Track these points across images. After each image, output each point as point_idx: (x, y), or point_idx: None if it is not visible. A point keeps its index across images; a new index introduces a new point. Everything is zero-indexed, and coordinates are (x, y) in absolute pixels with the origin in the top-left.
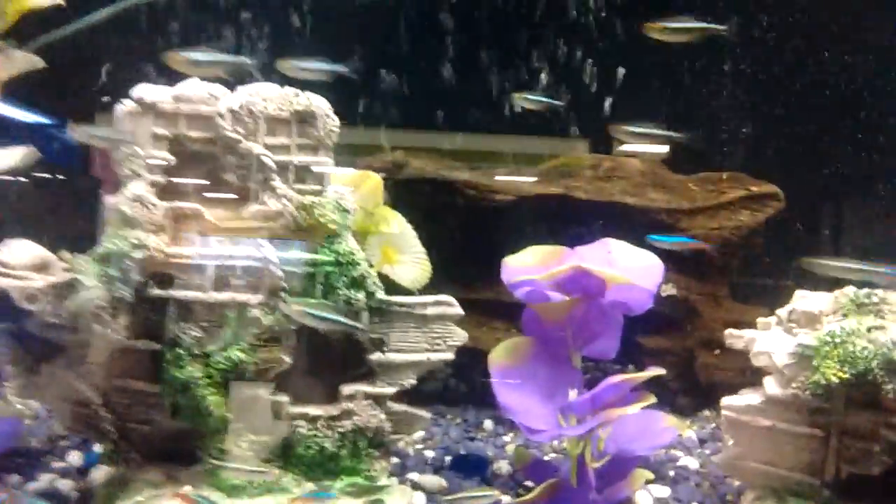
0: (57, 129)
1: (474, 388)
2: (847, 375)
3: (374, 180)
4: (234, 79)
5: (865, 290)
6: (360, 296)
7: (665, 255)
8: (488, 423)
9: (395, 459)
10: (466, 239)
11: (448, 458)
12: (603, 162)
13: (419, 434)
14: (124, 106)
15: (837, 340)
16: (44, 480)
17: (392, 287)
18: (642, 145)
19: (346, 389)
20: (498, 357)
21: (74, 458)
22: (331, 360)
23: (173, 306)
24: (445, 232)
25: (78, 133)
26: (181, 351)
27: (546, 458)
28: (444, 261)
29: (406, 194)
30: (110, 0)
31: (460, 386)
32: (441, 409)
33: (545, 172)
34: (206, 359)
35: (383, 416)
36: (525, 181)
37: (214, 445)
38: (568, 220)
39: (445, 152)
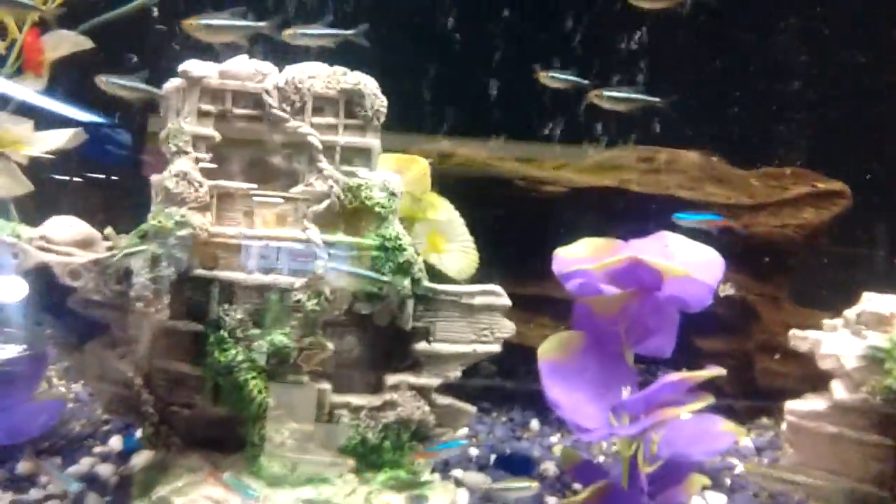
0: (110, 129)
1: (521, 386)
2: None
3: (422, 165)
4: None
5: None
6: (406, 282)
7: (723, 253)
8: (535, 423)
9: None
10: (514, 232)
11: (493, 457)
12: (657, 154)
13: (463, 431)
14: (172, 82)
15: None
16: (84, 464)
17: (438, 276)
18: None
19: (391, 379)
20: (547, 351)
21: (116, 442)
22: (375, 348)
23: (217, 287)
24: (493, 224)
25: (105, 84)
26: (224, 333)
27: (594, 461)
28: (491, 254)
29: (453, 184)
30: None
31: (506, 383)
32: (486, 407)
33: (598, 164)
34: (249, 342)
35: (427, 409)
36: (577, 171)
37: (256, 432)
38: (621, 214)
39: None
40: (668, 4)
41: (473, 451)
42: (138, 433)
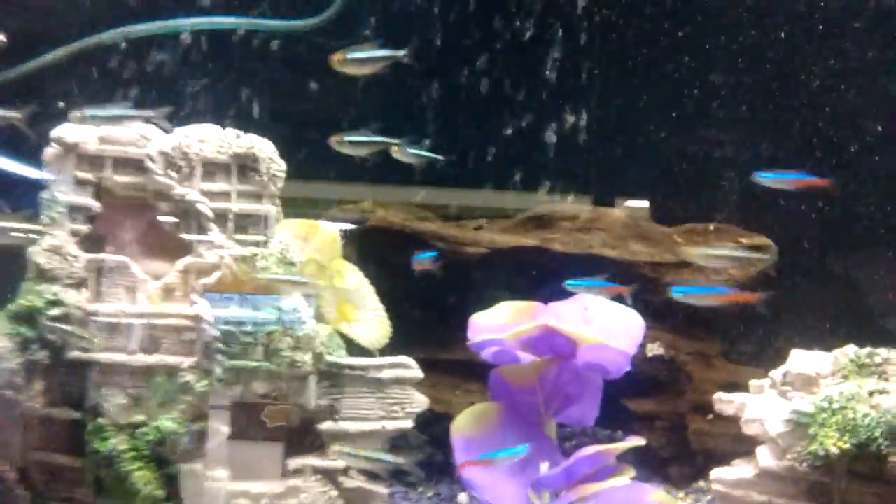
0: None
1: (448, 457)
2: (847, 445)
3: (329, 232)
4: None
5: (867, 350)
6: (307, 358)
7: (651, 312)
8: (462, 497)
9: None
10: (437, 295)
11: None
12: (581, 213)
13: None
14: (51, 148)
15: (836, 406)
16: None
17: (353, 347)
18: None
19: (293, 463)
20: (461, 426)
21: None
22: (275, 430)
23: (95, 370)
24: (415, 287)
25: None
26: (104, 421)
27: None
28: (415, 318)
29: (372, 247)
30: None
31: (435, 456)
32: (412, 481)
33: (521, 224)
34: (133, 430)
35: (335, 494)
36: (499, 233)
37: None
38: (545, 274)
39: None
40: (376, 70)
41: None
42: None
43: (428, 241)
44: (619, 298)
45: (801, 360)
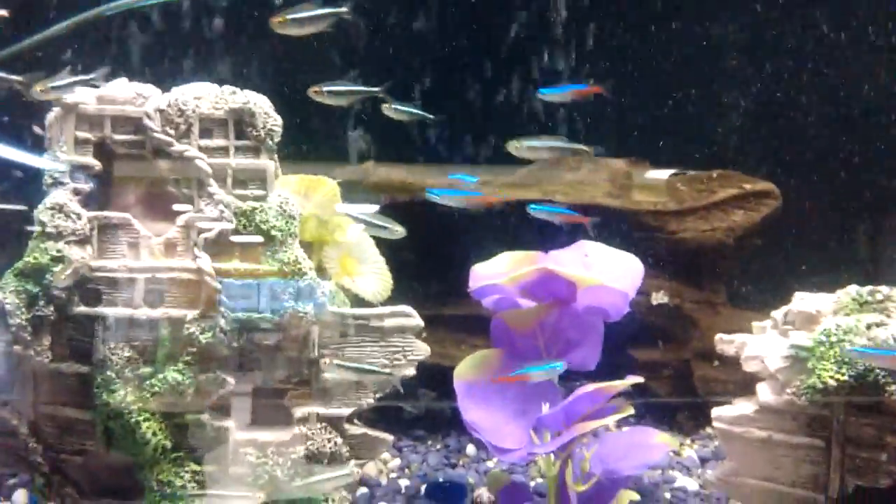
0: None
1: (457, 411)
2: (846, 377)
3: (330, 186)
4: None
5: (869, 288)
6: (309, 308)
7: (657, 260)
8: (470, 448)
9: (363, 489)
10: (443, 252)
11: (423, 487)
12: (584, 163)
13: (395, 462)
14: (53, 112)
15: (834, 339)
16: None
17: (357, 301)
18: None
19: (298, 412)
20: (463, 372)
21: (20, 497)
22: (280, 379)
23: (101, 324)
24: (420, 245)
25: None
26: (111, 373)
27: (533, 483)
28: (418, 274)
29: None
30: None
31: (443, 409)
32: (420, 435)
33: (523, 176)
34: (140, 381)
35: (340, 441)
36: (501, 186)
37: (154, 477)
38: (548, 227)
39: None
40: (317, 30)
41: (404, 482)
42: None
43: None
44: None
45: (803, 300)
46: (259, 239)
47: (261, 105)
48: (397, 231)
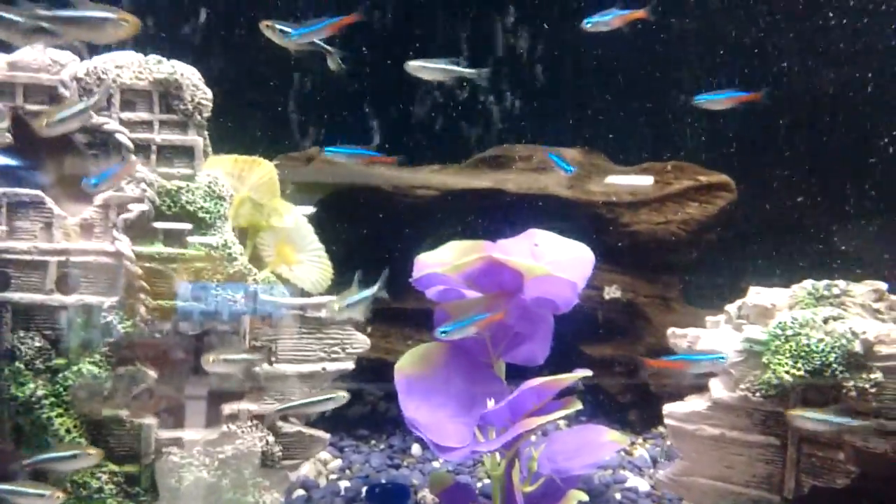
0: None
1: (400, 410)
2: (801, 372)
3: (267, 168)
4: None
5: (825, 282)
6: (239, 296)
7: (609, 254)
8: (416, 448)
9: (300, 491)
10: (387, 241)
11: (364, 489)
12: (536, 153)
13: (336, 463)
14: None
15: (789, 333)
16: None
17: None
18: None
19: (227, 409)
20: (404, 366)
21: None
22: (208, 373)
23: (9, 311)
24: (363, 234)
25: None
26: (20, 365)
27: (480, 483)
28: (363, 265)
29: (318, 192)
30: None
31: (389, 407)
32: (364, 434)
33: (473, 165)
34: (53, 374)
35: (272, 439)
36: (451, 175)
37: (69, 478)
38: (499, 216)
39: None
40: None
41: (345, 484)
42: None
43: (374, 185)
44: None
45: (758, 294)
46: (187, 226)
47: (188, 76)
48: None
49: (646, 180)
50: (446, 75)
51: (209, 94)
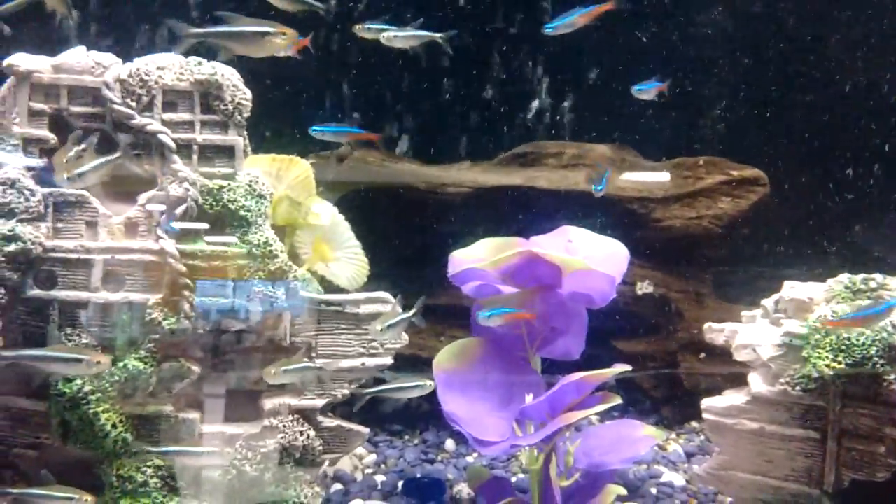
0: None
1: (435, 405)
2: (842, 366)
3: (303, 167)
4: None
5: (862, 276)
6: (280, 293)
7: (641, 249)
8: (449, 443)
9: (337, 486)
10: (420, 238)
11: (401, 483)
12: (567, 149)
13: (371, 458)
14: (7, 82)
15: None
16: None
17: (330, 288)
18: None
19: (269, 403)
20: (443, 362)
21: None
22: (250, 369)
23: (56, 309)
24: (397, 231)
25: None
26: None
27: (514, 478)
28: (397, 262)
29: (352, 192)
30: None
31: (421, 403)
32: (398, 429)
33: (504, 162)
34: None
35: (313, 434)
36: (482, 172)
37: (114, 472)
38: (530, 213)
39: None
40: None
41: (381, 478)
42: None
43: (407, 181)
44: None
45: (794, 289)
46: (204, 226)
47: (229, 77)
48: None
49: (662, 176)
50: (417, 41)
51: (248, 94)
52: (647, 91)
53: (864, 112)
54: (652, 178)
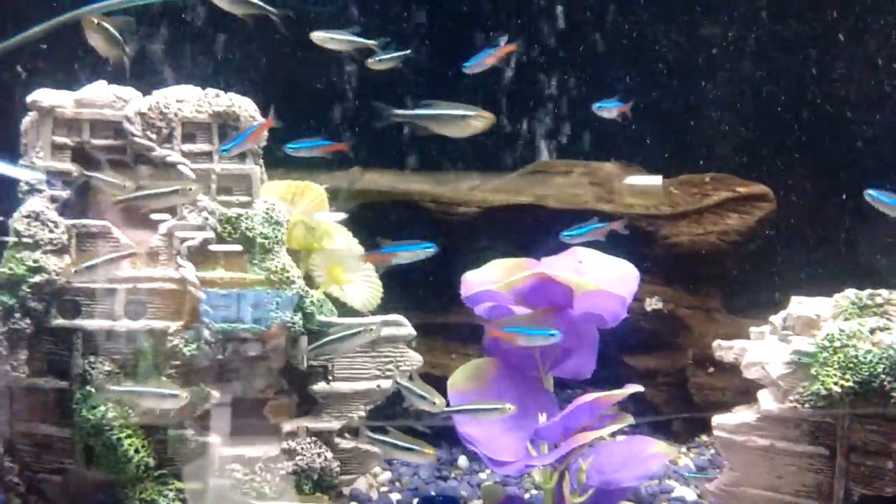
0: None
1: (447, 423)
2: (850, 383)
3: (317, 192)
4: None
5: (868, 292)
6: (297, 318)
7: (650, 266)
8: (462, 460)
9: None
10: (431, 258)
11: (416, 502)
12: (575, 168)
13: (386, 476)
14: (29, 116)
15: (837, 344)
16: None
17: (344, 310)
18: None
19: (287, 426)
20: (457, 382)
21: None
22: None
23: (80, 337)
24: None
25: None
26: (91, 388)
27: (527, 495)
28: (408, 282)
29: (362, 210)
30: None
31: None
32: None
33: (514, 181)
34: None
35: (330, 455)
36: (491, 191)
37: (137, 496)
38: (540, 232)
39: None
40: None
41: (395, 497)
42: None
43: (417, 201)
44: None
45: (801, 304)
46: (238, 247)
47: (245, 108)
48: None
49: (655, 180)
50: (350, 46)
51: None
52: (608, 109)
53: (872, 124)
54: (645, 181)
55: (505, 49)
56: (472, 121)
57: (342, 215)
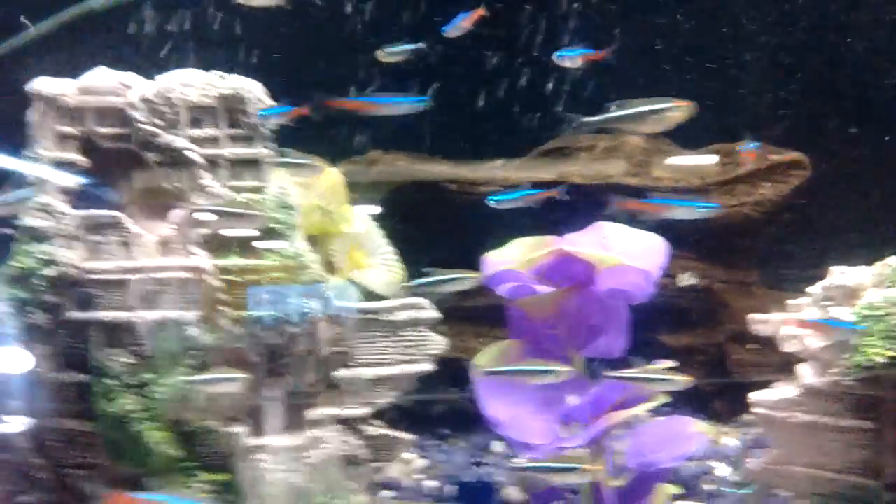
0: None
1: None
2: (894, 353)
3: (334, 176)
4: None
5: None
6: (314, 303)
7: (681, 241)
8: (497, 446)
9: (385, 492)
10: (455, 239)
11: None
12: (599, 142)
13: (420, 462)
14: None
15: (880, 313)
16: None
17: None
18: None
19: (312, 414)
20: (482, 364)
21: None
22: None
23: (96, 330)
24: (431, 233)
25: None
26: (110, 381)
27: None
28: (432, 264)
29: (383, 192)
30: None
31: (468, 406)
32: (446, 433)
33: (536, 157)
34: (141, 388)
35: (357, 442)
36: (514, 170)
37: (164, 487)
38: (565, 209)
39: None
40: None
41: (429, 483)
42: None
43: (439, 182)
44: None
45: (842, 274)
46: (252, 233)
47: (252, 90)
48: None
49: (710, 159)
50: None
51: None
52: (569, 58)
53: None
54: (699, 160)
55: (478, 12)
56: (671, 112)
57: (377, 208)
